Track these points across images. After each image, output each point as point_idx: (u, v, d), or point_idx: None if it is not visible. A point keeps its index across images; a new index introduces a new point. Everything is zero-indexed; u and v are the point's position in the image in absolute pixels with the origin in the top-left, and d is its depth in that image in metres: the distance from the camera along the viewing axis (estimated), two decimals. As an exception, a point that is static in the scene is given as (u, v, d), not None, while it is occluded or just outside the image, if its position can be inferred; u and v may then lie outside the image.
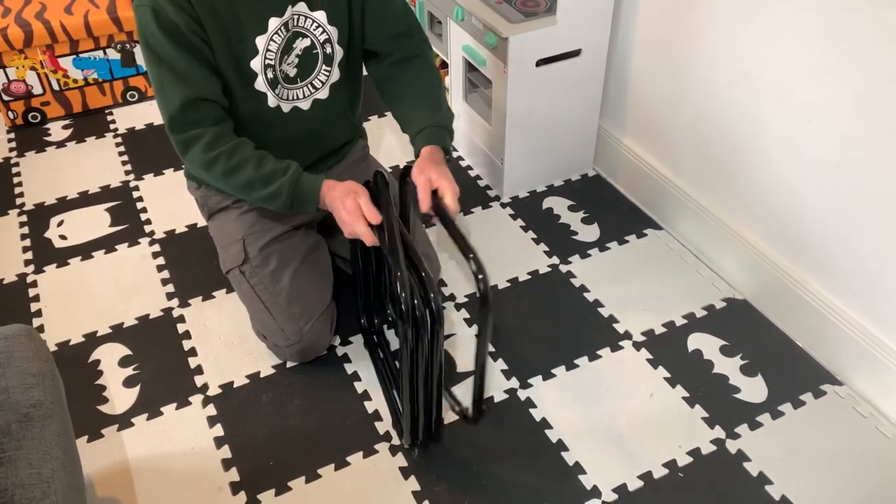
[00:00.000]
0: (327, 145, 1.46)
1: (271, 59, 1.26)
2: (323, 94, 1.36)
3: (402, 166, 1.39)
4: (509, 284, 1.62)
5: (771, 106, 1.38)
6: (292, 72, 1.30)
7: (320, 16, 1.28)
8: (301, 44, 1.29)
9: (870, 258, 1.29)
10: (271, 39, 1.25)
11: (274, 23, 1.24)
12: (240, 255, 1.40)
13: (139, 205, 1.86)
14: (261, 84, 1.28)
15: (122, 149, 2.06)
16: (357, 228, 1.15)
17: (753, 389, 1.39)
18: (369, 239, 1.15)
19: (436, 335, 1.08)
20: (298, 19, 1.26)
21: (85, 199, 1.89)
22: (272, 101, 1.30)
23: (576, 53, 1.69)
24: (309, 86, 1.33)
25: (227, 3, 1.19)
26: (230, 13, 1.20)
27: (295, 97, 1.33)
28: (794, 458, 1.28)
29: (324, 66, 1.33)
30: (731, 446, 1.30)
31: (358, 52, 1.38)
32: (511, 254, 1.70)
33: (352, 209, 1.15)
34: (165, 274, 1.66)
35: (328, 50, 1.32)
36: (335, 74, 1.35)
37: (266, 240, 1.40)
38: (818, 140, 1.32)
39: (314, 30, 1.29)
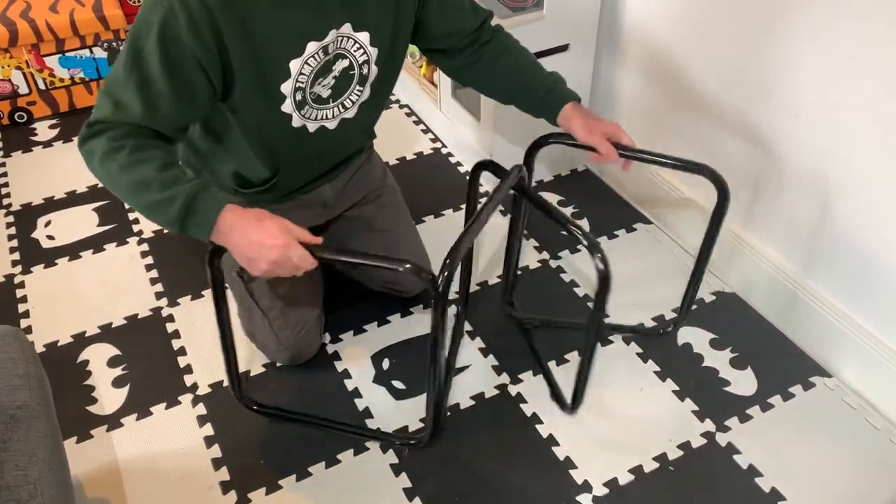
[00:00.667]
0: (342, 157, 1.41)
1: (303, 83, 1.16)
2: (351, 113, 1.27)
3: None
4: (499, 280, 1.62)
5: (760, 97, 1.39)
6: (325, 93, 1.21)
7: (363, 37, 1.18)
8: (340, 65, 1.19)
9: (859, 251, 1.30)
10: (306, 63, 1.14)
11: (312, 47, 1.12)
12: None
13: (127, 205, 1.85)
14: (287, 106, 1.17)
15: (109, 148, 2.05)
16: (289, 254, 1.01)
17: (743, 382, 1.39)
18: (307, 261, 1.03)
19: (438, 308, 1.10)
20: (341, 41, 1.16)
21: (72, 199, 1.87)
22: (297, 122, 1.21)
23: (563, 48, 1.69)
24: (339, 106, 1.24)
25: (263, 25, 1.06)
26: (264, 36, 1.07)
27: (324, 117, 1.24)
28: (784, 451, 1.28)
29: (357, 87, 1.24)
30: (722, 439, 1.31)
31: (391, 71, 1.29)
32: (501, 251, 1.70)
33: (275, 233, 1.01)
34: (154, 273, 1.66)
35: (365, 71, 1.23)
36: (366, 94, 1.27)
37: None
38: (805, 134, 1.32)
39: (355, 51, 1.19)
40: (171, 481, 1.27)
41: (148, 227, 1.78)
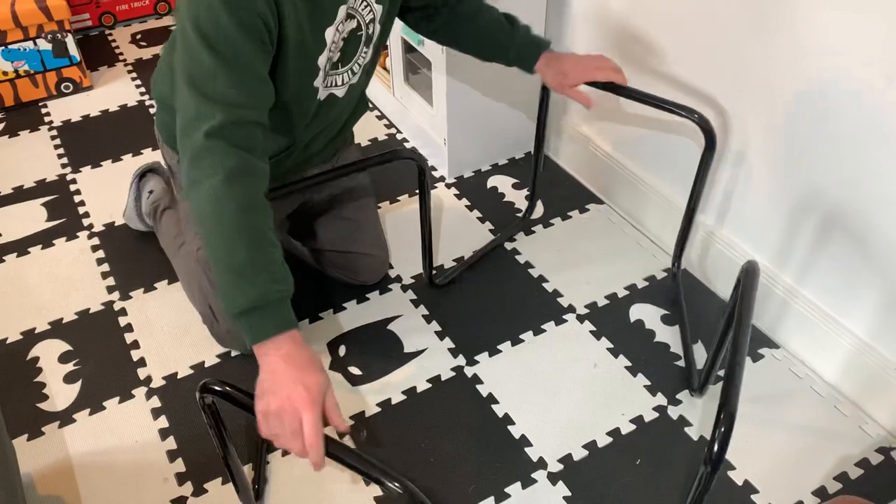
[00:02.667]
0: (341, 129, 1.38)
1: (333, 51, 1.12)
2: (356, 78, 1.24)
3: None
4: (455, 263, 1.63)
5: (706, 74, 1.41)
6: (336, 56, 1.16)
7: None
8: (348, 26, 1.14)
9: (802, 225, 1.33)
10: (337, 29, 1.10)
11: (342, 12, 1.09)
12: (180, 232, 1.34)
13: (77, 198, 1.82)
14: (318, 80, 1.14)
15: (57, 142, 2.01)
16: (304, 414, 0.85)
17: (694, 356, 1.42)
18: (313, 440, 0.85)
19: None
20: (355, 1, 1.13)
21: (19, 195, 1.84)
22: (322, 94, 1.17)
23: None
24: (349, 71, 1.21)
25: None
26: (308, 5, 1.03)
27: (334, 83, 1.20)
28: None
29: (363, 49, 1.21)
30: (673, 412, 1.33)
31: (388, 31, 1.27)
32: (456, 234, 1.71)
33: (313, 384, 0.88)
34: (105, 267, 1.63)
35: (371, 31, 1.19)
36: (369, 55, 1.24)
37: None
38: (750, 107, 1.34)
39: (363, 9, 1.15)
40: (125, 475, 1.26)
41: (98, 220, 1.75)
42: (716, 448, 0.84)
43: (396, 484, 0.84)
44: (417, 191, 1.42)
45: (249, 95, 0.98)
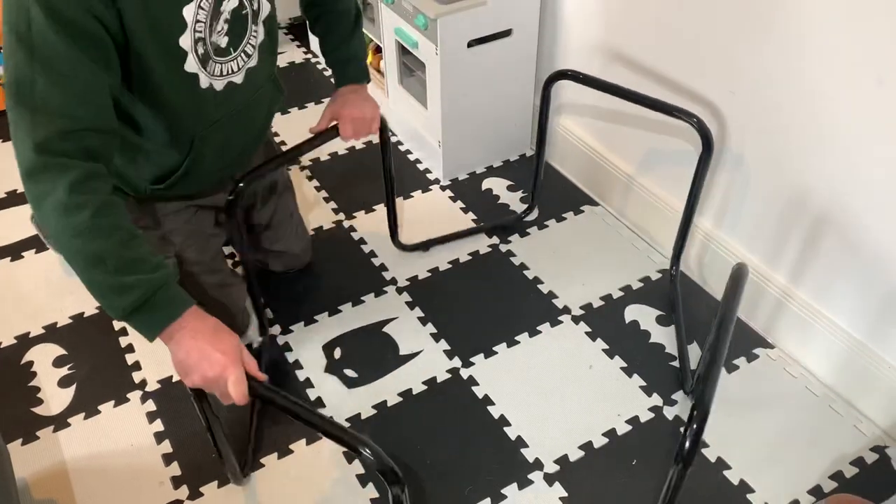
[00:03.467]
0: (260, 118, 1.30)
1: (201, 32, 1.05)
2: (254, 61, 1.17)
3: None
4: (450, 266, 1.63)
5: (699, 75, 1.41)
6: (223, 41, 1.10)
7: None
8: (229, 5, 1.08)
9: (799, 225, 1.33)
10: (200, 7, 1.03)
11: None
12: (175, 271, 1.27)
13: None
14: (191, 64, 1.06)
15: (51, 146, 2.01)
16: (228, 375, 0.92)
17: (689, 357, 1.42)
18: (240, 391, 0.93)
19: None
20: None
21: (13, 199, 1.83)
22: (204, 82, 1.10)
23: (507, 34, 1.70)
24: (242, 55, 1.14)
25: None
26: None
27: (229, 71, 1.13)
28: (729, 421, 1.31)
29: (252, 27, 1.14)
30: (669, 413, 1.33)
31: (273, 5, 1.20)
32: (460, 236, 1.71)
33: (226, 348, 0.94)
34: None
35: (255, 6, 1.13)
36: (261, 34, 1.17)
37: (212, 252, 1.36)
38: (742, 111, 1.35)
39: None
40: (120, 479, 1.25)
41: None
42: (687, 444, 0.84)
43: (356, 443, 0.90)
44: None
45: (76, 101, 0.91)
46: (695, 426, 0.84)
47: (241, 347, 0.96)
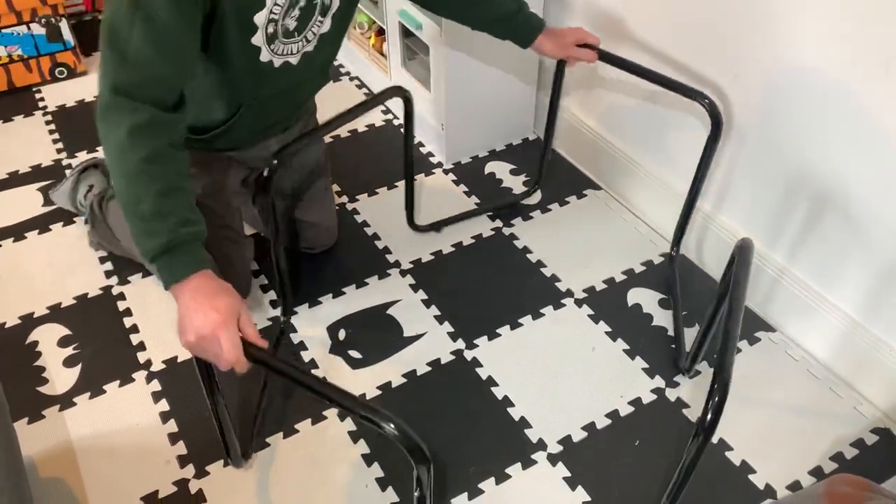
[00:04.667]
0: (302, 97, 1.40)
1: (276, 14, 1.13)
2: (311, 47, 1.24)
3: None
4: (454, 249, 1.64)
5: (706, 56, 1.41)
6: (292, 25, 1.18)
7: None
8: None
9: (799, 209, 1.34)
10: None
11: None
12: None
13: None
14: (258, 39, 1.14)
15: (52, 127, 2.00)
16: (221, 334, 0.91)
17: (691, 340, 1.43)
18: (235, 353, 0.92)
19: None
20: None
21: (15, 180, 1.83)
22: (265, 56, 1.18)
23: None
24: (303, 40, 1.22)
25: None
26: None
27: (289, 52, 1.21)
28: (731, 403, 1.31)
29: (319, 17, 1.22)
30: (671, 394, 1.35)
31: (351, 5, 1.28)
32: (455, 219, 1.71)
33: (223, 307, 0.93)
34: (102, 252, 1.63)
35: (327, 1, 1.21)
36: (326, 26, 1.24)
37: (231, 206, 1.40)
38: (746, 95, 1.35)
39: None
40: (127, 458, 1.26)
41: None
42: (709, 416, 0.85)
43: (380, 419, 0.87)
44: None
45: (166, 57, 0.98)
46: (717, 398, 0.84)
47: (242, 309, 0.95)
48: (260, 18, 1.12)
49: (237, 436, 1.18)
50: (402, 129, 1.98)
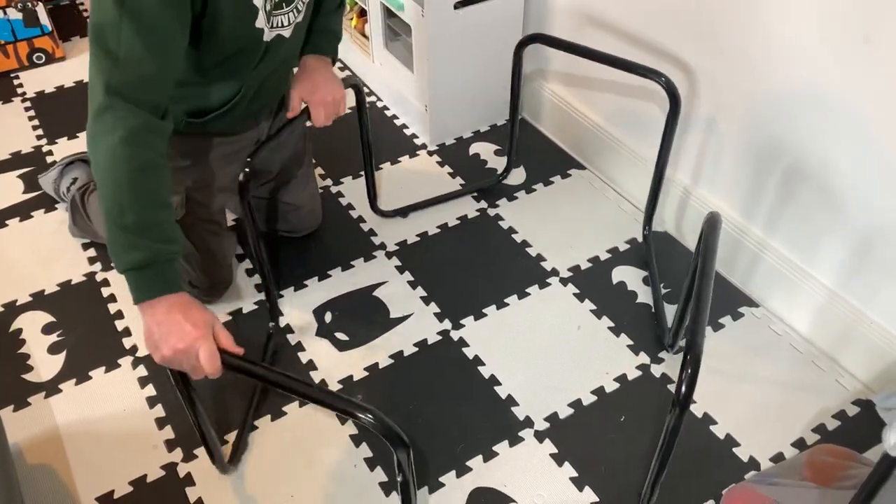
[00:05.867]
0: (288, 78, 1.36)
1: None
2: (300, 17, 1.23)
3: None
4: (439, 230, 1.64)
5: (685, 38, 1.41)
6: None
7: None
8: None
9: (780, 183, 1.35)
10: None
11: None
12: (181, 208, 1.33)
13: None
14: (261, 20, 1.13)
15: (31, 113, 1.98)
16: (198, 346, 0.92)
17: (665, 314, 1.44)
18: (212, 363, 0.93)
19: None
20: None
21: (-5, 167, 1.81)
22: (267, 36, 1.16)
23: (493, -5, 1.69)
24: (294, 10, 1.19)
25: None
26: None
27: (281, 24, 1.19)
28: (715, 377, 1.34)
29: None
30: (656, 370, 1.36)
31: None
32: (439, 200, 1.71)
33: (198, 321, 0.94)
34: (85, 238, 1.62)
35: None
36: None
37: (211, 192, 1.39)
38: (732, 73, 1.35)
39: None
40: (114, 443, 1.26)
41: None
42: (683, 389, 0.87)
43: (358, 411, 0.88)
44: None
45: (155, 52, 0.97)
46: (689, 371, 0.86)
47: (215, 322, 0.96)
48: (259, 0, 1.10)
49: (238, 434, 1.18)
50: (385, 111, 1.98)
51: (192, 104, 1.24)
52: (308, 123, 1.33)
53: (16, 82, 2.09)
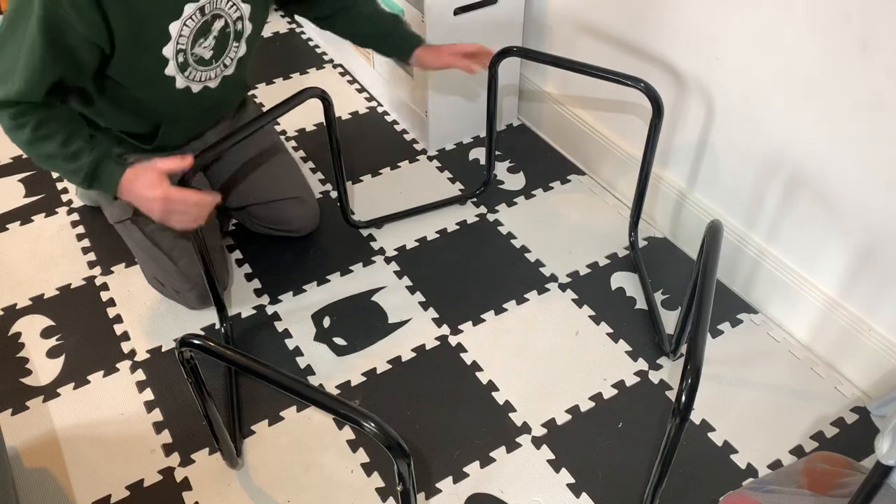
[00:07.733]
0: (224, 112, 1.49)
1: (183, 45, 1.22)
2: (230, 70, 1.34)
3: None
4: (438, 235, 1.64)
5: (684, 44, 1.41)
6: (208, 54, 1.27)
7: None
8: (218, 25, 1.25)
9: (779, 190, 1.35)
10: (185, 24, 1.20)
11: (189, 8, 1.19)
12: (131, 206, 1.33)
13: (55, 174, 1.80)
14: (171, 69, 1.24)
15: (33, 117, 1.98)
16: (173, 199, 1.15)
17: (674, 322, 1.44)
18: (195, 198, 1.16)
19: None
20: (216, 1, 1.22)
21: (-4, 171, 1.82)
22: (181, 84, 1.27)
23: (492, 1, 1.69)
24: (221, 65, 1.32)
25: None
26: (144, 1, 1.13)
27: (207, 78, 1.31)
28: (713, 384, 1.34)
29: (234, 43, 1.31)
30: (654, 377, 1.36)
31: (261, 24, 1.36)
32: (439, 206, 1.71)
33: (152, 183, 1.15)
34: (86, 242, 1.62)
35: (239, 27, 1.29)
36: (242, 50, 1.34)
37: None
38: (727, 78, 1.35)
39: (228, 9, 1.25)
40: (112, 447, 1.26)
41: (77, 196, 1.74)
42: (683, 399, 0.86)
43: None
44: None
45: (31, 77, 1.09)
46: (689, 381, 0.86)
47: (156, 166, 1.15)
48: (168, 51, 1.21)
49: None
50: (385, 117, 1.98)
51: (121, 128, 1.34)
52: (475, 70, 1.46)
53: (18, 86, 2.09)
